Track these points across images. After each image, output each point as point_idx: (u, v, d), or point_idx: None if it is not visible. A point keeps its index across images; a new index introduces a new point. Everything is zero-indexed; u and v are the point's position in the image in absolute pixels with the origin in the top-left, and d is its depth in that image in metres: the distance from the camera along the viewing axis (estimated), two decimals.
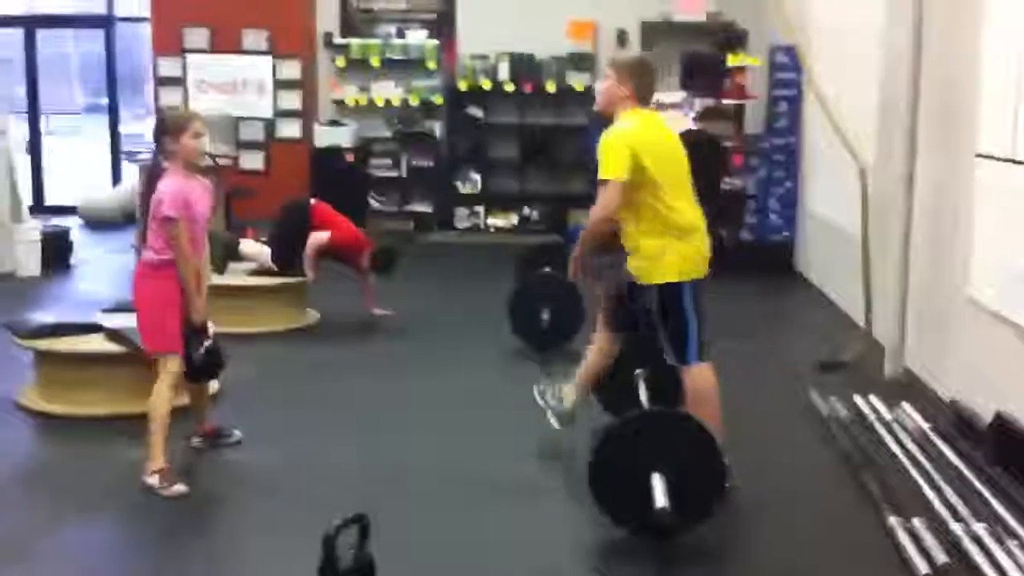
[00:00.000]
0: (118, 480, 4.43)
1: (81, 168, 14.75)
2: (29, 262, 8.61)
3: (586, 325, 6.36)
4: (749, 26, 10.17)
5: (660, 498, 3.69)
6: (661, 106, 10.06)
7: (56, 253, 8.95)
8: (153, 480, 4.29)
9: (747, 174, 9.70)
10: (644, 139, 4.32)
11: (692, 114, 9.44)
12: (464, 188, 11.31)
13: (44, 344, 5.30)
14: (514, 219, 11.34)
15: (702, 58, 9.74)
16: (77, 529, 4.06)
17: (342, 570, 3.40)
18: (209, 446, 4.83)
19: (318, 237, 7.15)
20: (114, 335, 5.26)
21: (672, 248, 4.30)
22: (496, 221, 11.32)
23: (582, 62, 11.11)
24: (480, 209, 11.35)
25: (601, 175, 4.27)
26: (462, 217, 11.35)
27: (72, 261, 9.27)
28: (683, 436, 3.89)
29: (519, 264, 7.65)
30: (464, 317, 7.69)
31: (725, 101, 9.63)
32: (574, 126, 11.13)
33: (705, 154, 9.09)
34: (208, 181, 4.75)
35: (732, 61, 9.54)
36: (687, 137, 4.77)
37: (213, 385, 5.25)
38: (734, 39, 9.96)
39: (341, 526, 3.43)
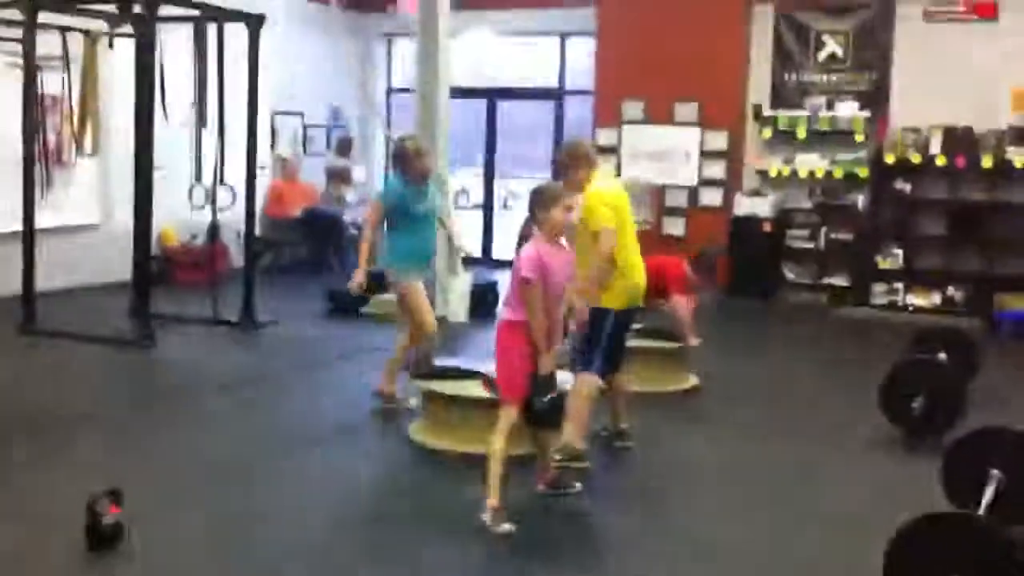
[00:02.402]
0: (463, 512, 4.95)
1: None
2: (458, 310, 9.65)
3: (964, 420, 6.09)
4: None
5: None
6: None
7: (482, 303, 9.94)
8: (486, 516, 4.78)
9: None
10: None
11: None
12: (884, 263, 11.01)
13: (430, 385, 6.02)
14: (936, 298, 10.84)
15: None
16: (407, 548, 4.60)
17: None
18: (551, 494, 5.24)
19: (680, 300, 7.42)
20: (488, 382, 5.86)
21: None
22: (917, 300, 10.89)
23: None
24: (900, 286, 10.98)
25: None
26: (880, 293, 11.04)
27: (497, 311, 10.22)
28: (986, 550, 3.70)
29: (909, 344, 7.44)
30: (846, 393, 7.57)
31: None
32: (1012, 203, 10.50)
33: None
34: (569, 253, 5.17)
35: None
36: None
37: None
38: None
39: None
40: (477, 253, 13.19)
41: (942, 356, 7.12)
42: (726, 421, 6.80)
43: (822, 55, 11.58)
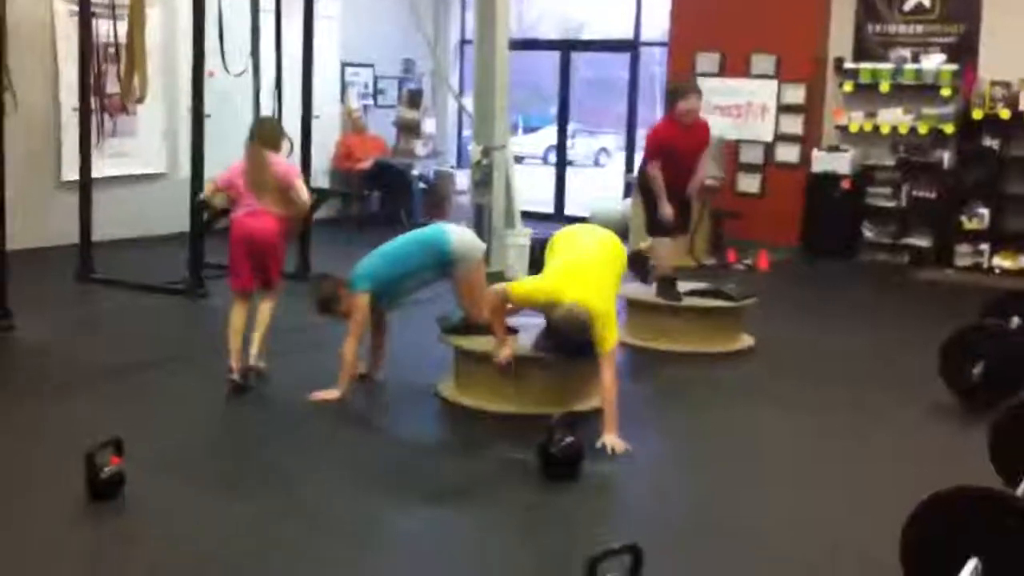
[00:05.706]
0: (484, 473, 4.81)
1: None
2: (516, 264, 9.45)
3: None
4: None
5: None
6: None
7: (542, 258, 9.69)
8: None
9: None
10: None
11: None
12: (969, 223, 10.48)
13: (460, 341, 5.86)
14: None
15: None
16: (427, 513, 4.46)
17: None
18: None
19: None
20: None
21: None
22: (1003, 262, 10.36)
23: None
24: (985, 247, 10.45)
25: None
26: (964, 254, 10.52)
27: None
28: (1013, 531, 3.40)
29: (982, 309, 7.02)
30: (915, 358, 7.18)
31: None
32: None
33: None
34: None
35: None
36: None
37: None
38: None
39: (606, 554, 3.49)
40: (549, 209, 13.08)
41: (1015, 321, 6.72)
42: (779, 388, 6.48)
43: (908, 5, 11.01)
